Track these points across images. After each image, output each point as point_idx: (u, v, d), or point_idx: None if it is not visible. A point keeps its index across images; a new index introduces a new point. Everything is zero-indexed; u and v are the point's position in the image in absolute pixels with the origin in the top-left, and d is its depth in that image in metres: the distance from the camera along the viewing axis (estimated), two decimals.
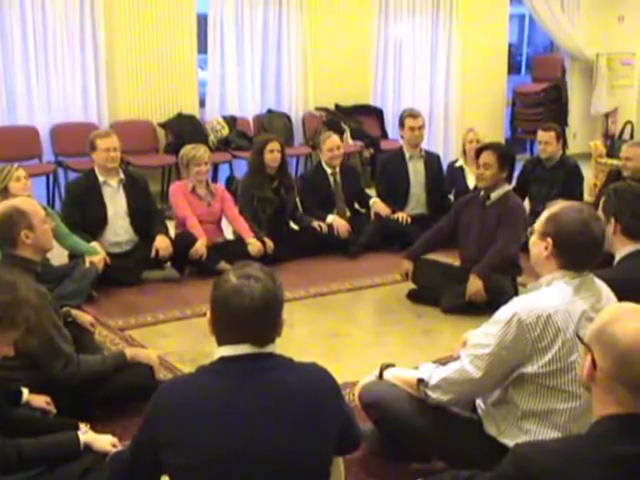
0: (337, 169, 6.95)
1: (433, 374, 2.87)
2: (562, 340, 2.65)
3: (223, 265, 5.82)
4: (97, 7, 8.28)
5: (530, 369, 2.69)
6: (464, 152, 7.32)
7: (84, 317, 4.25)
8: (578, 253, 2.77)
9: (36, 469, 2.69)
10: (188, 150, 6.22)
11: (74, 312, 4.21)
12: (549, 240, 2.80)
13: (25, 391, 3.32)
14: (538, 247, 2.86)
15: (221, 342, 2.27)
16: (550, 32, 11.80)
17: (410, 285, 5.62)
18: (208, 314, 2.30)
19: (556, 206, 2.90)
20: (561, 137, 7.13)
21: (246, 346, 2.24)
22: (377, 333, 5.11)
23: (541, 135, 6.97)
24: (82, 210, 5.82)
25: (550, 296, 2.74)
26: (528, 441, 2.53)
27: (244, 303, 2.20)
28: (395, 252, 6.48)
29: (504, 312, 2.73)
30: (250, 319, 2.22)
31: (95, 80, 8.42)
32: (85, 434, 2.92)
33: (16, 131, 8.06)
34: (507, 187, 5.45)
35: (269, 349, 2.27)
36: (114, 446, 2.89)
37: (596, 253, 2.81)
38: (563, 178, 6.87)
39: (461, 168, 7.35)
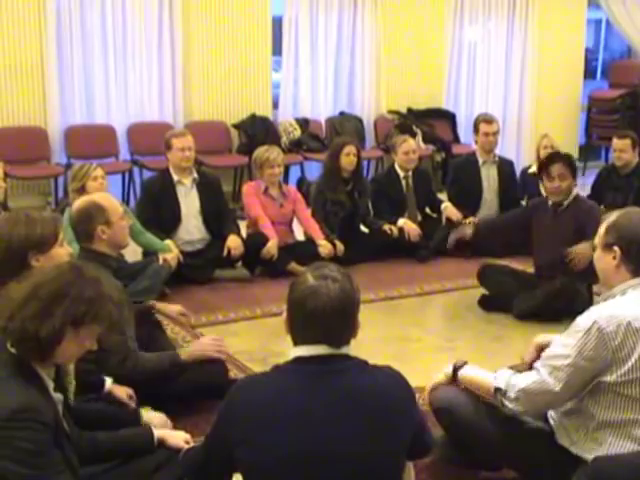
0: (410, 173, 6.92)
1: (511, 383, 2.83)
2: None
3: (293, 266, 5.85)
4: (175, 10, 8.43)
5: (609, 378, 2.64)
6: (538, 158, 7.20)
7: (171, 308, 4.31)
8: None
9: (110, 462, 2.74)
10: (262, 152, 6.24)
11: (159, 305, 4.26)
12: (615, 249, 2.76)
13: (108, 380, 3.38)
14: (604, 260, 2.82)
15: (297, 342, 2.29)
16: (628, 37, 11.56)
17: (481, 291, 5.57)
18: (284, 314, 2.32)
19: (611, 217, 2.87)
20: (637, 145, 6.99)
21: (322, 347, 2.24)
22: (446, 338, 5.08)
23: (616, 143, 6.84)
24: (157, 208, 5.91)
25: (629, 304, 2.69)
26: (607, 455, 2.49)
27: (321, 304, 2.21)
28: (466, 258, 6.44)
29: (583, 321, 2.68)
30: (326, 320, 2.22)
31: (171, 81, 8.57)
32: (159, 429, 2.96)
33: (94, 130, 8.25)
34: (575, 191, 5.39)
35: (344, 350, 2.27)
36: (187, 442, 2.93)
37: None
38: (639, 186, 6.73)
39: (534, 174, 7.24)
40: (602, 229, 2.87)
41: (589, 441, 2.73)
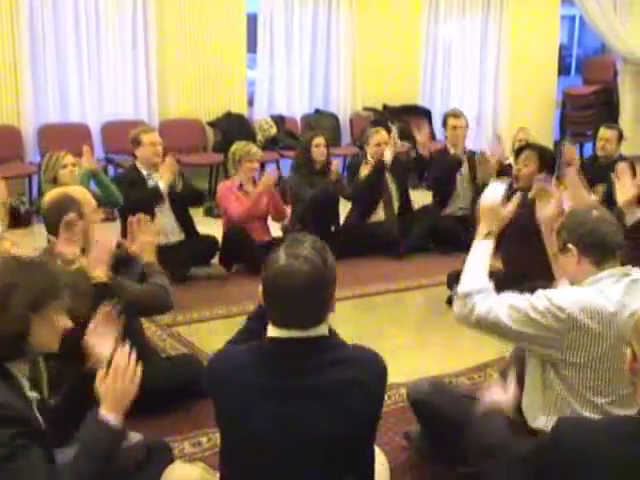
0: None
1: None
2: None
3: None
4: (149, 7, 8.40)
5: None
6: (514, 151, 7.19)
7: None
8: (600, 236, 2.78)
9: None
10: (242, 146, 6.26)
11: None
12: (570, 247, 2.80)
13: None
14: (567, 262, 2.85)
15: (271, 320, 2.26)
16: (601, 33, 11.63)
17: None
18: (260, 289, 2.30)
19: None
20: (622, 138, 6.97)
21: (292, 330, 2.22)
22: (423, 335, 5.09)
23: (603, 132, 6.84)
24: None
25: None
26: (570, 416, 2.57)
27: (292, 285, 2.17)
28: (444, 253, 6.45)
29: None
30: (297, 301, 2.20)
31: (146, 79, 8.54)
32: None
33: (68, 128, 8.20)
34: None
35: (318, 332, 2.24)
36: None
37: (612, 228, 2.82)
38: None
39: (510, 166, 7.23)
40: (555, 236, 2.92)
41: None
